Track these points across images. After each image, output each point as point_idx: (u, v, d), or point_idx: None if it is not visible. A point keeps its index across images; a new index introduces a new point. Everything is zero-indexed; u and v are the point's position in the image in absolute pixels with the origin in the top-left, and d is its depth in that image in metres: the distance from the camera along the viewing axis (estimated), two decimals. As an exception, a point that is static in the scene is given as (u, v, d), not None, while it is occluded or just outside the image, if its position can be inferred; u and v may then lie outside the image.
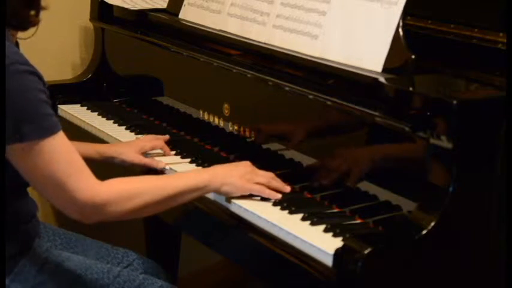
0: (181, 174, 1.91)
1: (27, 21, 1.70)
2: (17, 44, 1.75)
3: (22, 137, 1.58)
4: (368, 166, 1.79)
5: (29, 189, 1.81)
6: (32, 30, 1.74)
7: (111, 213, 1.66)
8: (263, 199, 1.84)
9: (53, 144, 1.61)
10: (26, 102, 1.59)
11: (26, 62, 1.62)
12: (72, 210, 1.66)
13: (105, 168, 2.08)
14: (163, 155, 2.14)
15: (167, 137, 2.20)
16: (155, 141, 2.16)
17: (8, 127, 1.58)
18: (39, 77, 1.64)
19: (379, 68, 1.81)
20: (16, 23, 1.69)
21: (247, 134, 2.10)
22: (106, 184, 1.67)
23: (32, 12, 1.70)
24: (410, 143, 1.66)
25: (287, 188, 1.87)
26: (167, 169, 2.07)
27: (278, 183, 1.87)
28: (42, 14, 1.75)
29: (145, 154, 2.12)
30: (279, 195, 1.84)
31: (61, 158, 1.61)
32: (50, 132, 1.61)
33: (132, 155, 2.08)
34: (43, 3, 1.72)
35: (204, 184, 1.79)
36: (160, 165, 2.07)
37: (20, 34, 1.74)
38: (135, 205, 1.68)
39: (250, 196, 1.85)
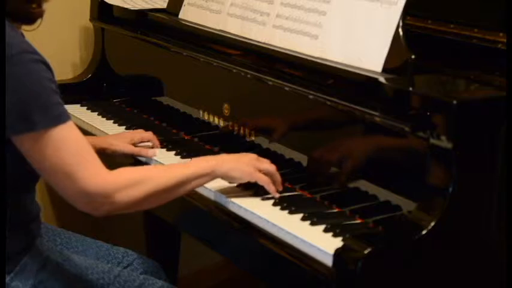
0: (188, 162, 1.91)
1: (31, 15, 1.71)
2: (22, 36, 1.75)
3: (33, 125, 1.58)
4: (368, 166, 1.79)
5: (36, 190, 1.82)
6: (37, 22, 1.74)
7: (120, 202, 1.65)
8: (263, 199, 1.84)
9: (62, 133, 1.61)
10: (36, 91, 1.60)
11: (35, 51, 1.63)
12: (81, 201, 1.64)
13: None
14: (152, 147, 2.18)
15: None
16: (144, 133, 2.20)
17: (17, 117, 1.58)
18: (48, 67, 1.65)
19: (379, 68, 1.81)
20: (21, 18, 1.70)
21: (247, 134, 2.10)
22: (115, 172, 1.67)
23: (34, 5, 1.70)
24: (410, 143, 1.66)
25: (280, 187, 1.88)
26: (157, 160, 2.10)
27: (280, 183, 1.88)
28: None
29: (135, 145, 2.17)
30: (278, 195, 1.85)
31: (70, 147, 1.61)
32: (60, 120, 1.61)
33: (122, 146, 2.13)
34: None
35: (211, 169, 1.79)
36: (149, 154, 2.12)
37: (25, 26, 1.75)
38: (143, 192, 1.67)
39: (250, 196, 1.85)
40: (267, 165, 1.86)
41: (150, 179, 1.70)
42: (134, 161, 2.17)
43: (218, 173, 1.81)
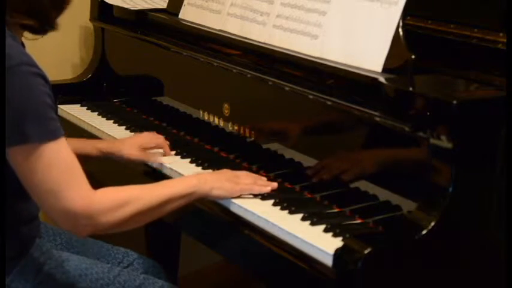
0: (170, 181, 1.91)
1: (52, 25, 1.72)
2: (22, 45, 1.75)
3: (25, 138, 1.58)
4: (368, 166, 1.79)
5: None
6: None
7: (104, 223, 1.65)
8: (263, 199, 1.84)
9: (53, 149, 1.60)
10: (32, 104, 1.59)
11: (34, 64, 1.62)
12: (64, 220, 1.64)
13: (105, 165, 2.10)
14: (164, 154, 2.15)
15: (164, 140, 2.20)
16: (155, 140, 2.17)
17: (11, 128, 1.58)
18: (46, 81, 1.63)
19: (379, 68, 1.81)
20: (42, 27, 1.71)
21: (247, 134, 2.10)
22: (99, 193, 1.65)
23: (55, 15, 1.71)
24: (410, 143, 1.66)
25: (274, 185, 1.88)
26: (165, 166, 2.08)
27: (263, 181, 1.89)
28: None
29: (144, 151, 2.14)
30: (268, 189, 1.86)
31: (59, 164, 1.60)
32: (54, 136, 1.60)
33: (129, 151, 2.10)
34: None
35: (193, 190, 1.78)
36: (157, 160, 2.10)
37: (27, 34, 1.74)
38: (127, 214, 1.67)
39: (250, 196, 1.85)
40: (246, 179, 1.87)
41: (134, 201, 1.68)
42: (144, 166, 2.16)
43: (201, 192, 1.80)
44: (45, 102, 1.61)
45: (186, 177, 1.92)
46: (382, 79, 1.75)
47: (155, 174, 2.10)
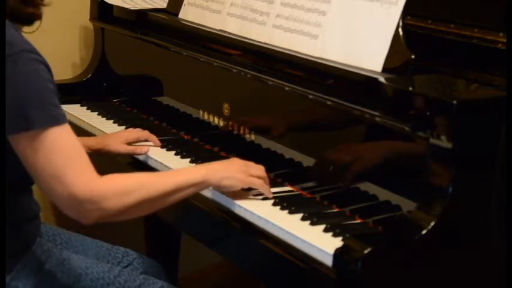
0: (179, 170, 1.91)
1: (28, 16, 1.71)
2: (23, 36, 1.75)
3: (29, 124, 1.58)
4: (368, 166, 1.79)
5: (33, 190, 1.82)
6: (37, 24, 1.74)
7: (109, 209, 1.64)
8: (263, 199, 1.84)
9: (57, 134, 1.60)
10: (35, 90, 1.60)
11: (36, 51, 1.63)
12: (69, 206, 1.63)
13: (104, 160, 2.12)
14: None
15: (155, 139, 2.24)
16: (140, 133, 2.22)
17: (14, 115, 1.58)
18: (48, 67, 1.64)
19: (379, 68, 1.81)
20: (18, 19, 1.70)
21: (247, 134, 2.10)
22: (104, 179, 1.65)
23: (31, 9, 1.70)
24: (410, 143, 1.66)
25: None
26: (151, 158, 2.13)
27: (267, 177, 1.88)
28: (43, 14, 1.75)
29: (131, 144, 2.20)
30: (271, 195, 1.85)
31: (64, 149, 1.61)
32: (58, 121, 1.61)
33: (116, 146, 2.15)
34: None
35: (203, 179, 1.77)
36: (144, 150, 2.14)
37: (25, 28, 1.75)
38: (133, 200, 1.66)
39: (249, 196, 1.85)
40: (256, 170, 1.86)
41: (141, 187, 1.68)
42: (132, 159, 2.18)
43: (210, 182, 1.79)
44: (47, 88, 1.62)
45: (195, 166, 1.92)
46: (382, 79, 1.75)
47: (142, 166, 2.14)
